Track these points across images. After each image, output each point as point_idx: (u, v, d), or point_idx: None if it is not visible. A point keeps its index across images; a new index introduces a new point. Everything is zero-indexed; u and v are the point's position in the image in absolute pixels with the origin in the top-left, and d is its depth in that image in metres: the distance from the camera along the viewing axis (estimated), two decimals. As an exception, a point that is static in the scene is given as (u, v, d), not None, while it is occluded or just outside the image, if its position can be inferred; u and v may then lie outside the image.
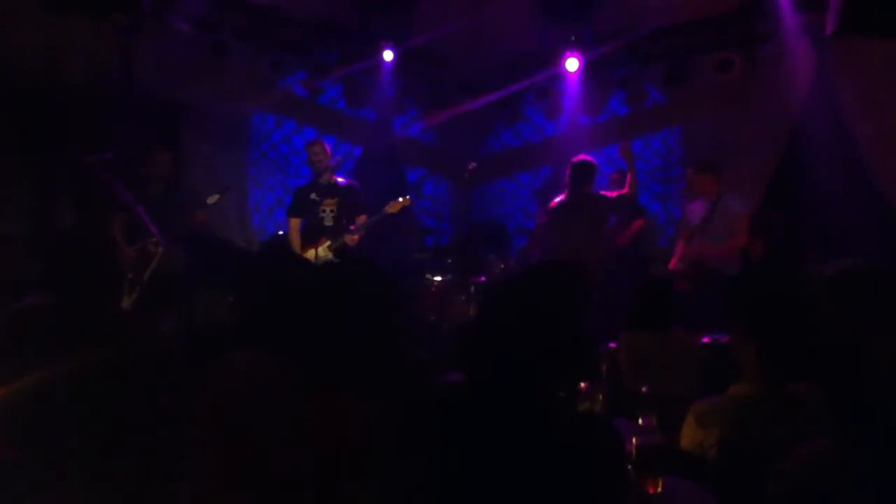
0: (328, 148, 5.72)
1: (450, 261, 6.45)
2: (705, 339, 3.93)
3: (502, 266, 6.35)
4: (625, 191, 5.47)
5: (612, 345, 3.47)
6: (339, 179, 5.73)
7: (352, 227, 5.48)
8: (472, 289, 6.00)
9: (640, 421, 2.14)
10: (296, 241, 5.63)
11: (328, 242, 5.52)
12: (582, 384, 2.29)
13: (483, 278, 6.20)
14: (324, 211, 5.57)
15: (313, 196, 5.61)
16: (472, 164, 6.16)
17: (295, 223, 5.70)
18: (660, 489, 1.92)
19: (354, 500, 1.51)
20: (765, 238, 5.47)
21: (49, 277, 2.64)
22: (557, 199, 5.65)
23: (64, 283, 2.44)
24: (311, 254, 5.48)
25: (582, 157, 5.66)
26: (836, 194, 5.38)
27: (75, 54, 5.66)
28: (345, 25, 6.96)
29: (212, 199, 5.02)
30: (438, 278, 6.25)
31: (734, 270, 5.19)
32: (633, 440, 1.96)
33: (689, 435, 2.26)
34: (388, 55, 7.02)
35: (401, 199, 5.50)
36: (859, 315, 2.65)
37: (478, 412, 1.60)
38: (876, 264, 2.56)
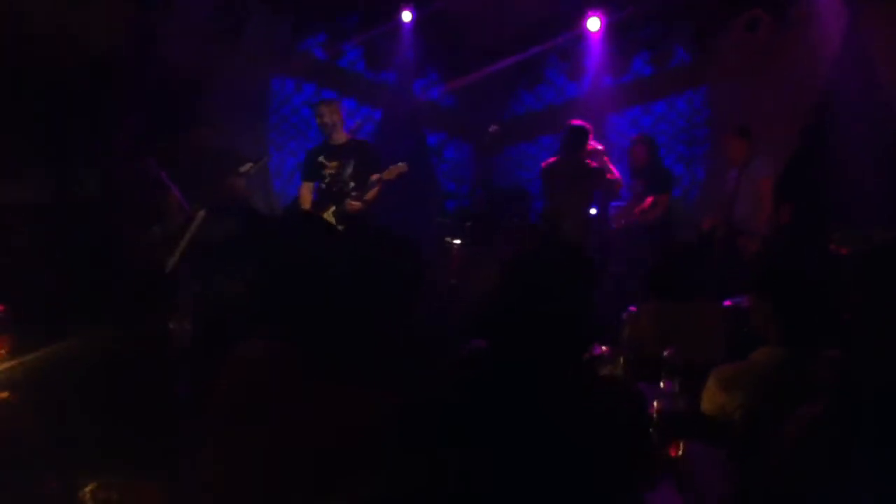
0: (338, 106, 5.45)
1: (470, 224, 6.43)
2: (727, 303, 3.90)
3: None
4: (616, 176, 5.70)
5: (633, 308, 3.45)
6: (351, 139, 5.46)
7: (353, 194, 5.22)
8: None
9: (662, 385, 2.14)
10: (305, 206, 5.38)
11: (332, 208, 5.29)
12: (603, 348, 2.29)
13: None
14: (330, 174, 5.33)
15: (321, 159, 5.38)
16: (493, 128, 6.11)
17: (306, 188, 5.46)
18: (681, 453, 1.92)
19: (358, 492, 1.52)
20: (792, 203, 5.42)
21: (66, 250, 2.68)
22: (549, 161, 5.76)
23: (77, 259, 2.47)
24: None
25: (576, 121, 5.70)
26: (868, 157, 5.27)
27: (93, 24, 5.64)
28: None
29: (245, 168, 4.97)
30: (458, 242, 6.24)
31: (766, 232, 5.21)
32: (655, 404, 1.96)
33: (711, 399, 2.26)
34: (406, 16, 6.95)
35: (399, 165, 5.18)
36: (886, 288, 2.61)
37: (498, 378, 1.60)
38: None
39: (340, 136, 5.40)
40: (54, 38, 5.44)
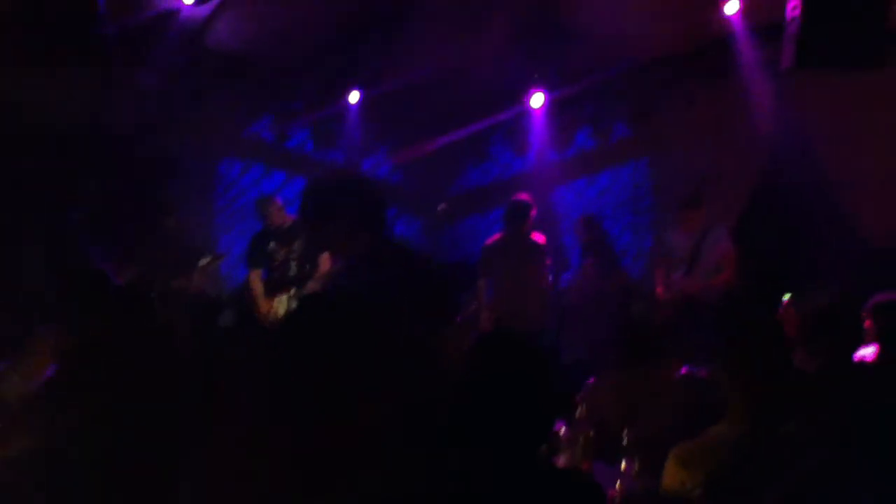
0: (277, 201, 5.64)
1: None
2: (682, 371, 3.90)
3: (475, 306, 6.31)
4: None
5: (591, 381, 3.42)
6: (295, 219, 5.57)
7: (315, 276, 5.32)
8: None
9: (623, 466, 2.10)
10: (258, 292, 5.44)
11: (293, 291, 5.38)
12: (561, 431, 2.24)
13: (458, 318, 6.15)
14: (283, 259, 5.44)
15: (272, 245, 5.48)
16: (442, 206, 6.16)
17: (255, 275, 5.51)
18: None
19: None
20: (739, 269, 5.52)
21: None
22: (494, 238, 5.71)
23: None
24: (278, 303, 5.37)
25: (518, 196, 5.71)
26: (810, 225, 5.43)
27: (47, 105, 5.57)
28: (313, 71, 6.97)
29: (203, 263, 5.14)
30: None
31: (716, 301, 5.24)
32: (616, 486, 1.92)
33: (672, 477, 2.22)
34: (353, 97, 7.06)
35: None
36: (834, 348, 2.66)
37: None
38: (850, 296, 2.58)
39: (286, 221, 5.52)
40: (7, 117, 5.32)
